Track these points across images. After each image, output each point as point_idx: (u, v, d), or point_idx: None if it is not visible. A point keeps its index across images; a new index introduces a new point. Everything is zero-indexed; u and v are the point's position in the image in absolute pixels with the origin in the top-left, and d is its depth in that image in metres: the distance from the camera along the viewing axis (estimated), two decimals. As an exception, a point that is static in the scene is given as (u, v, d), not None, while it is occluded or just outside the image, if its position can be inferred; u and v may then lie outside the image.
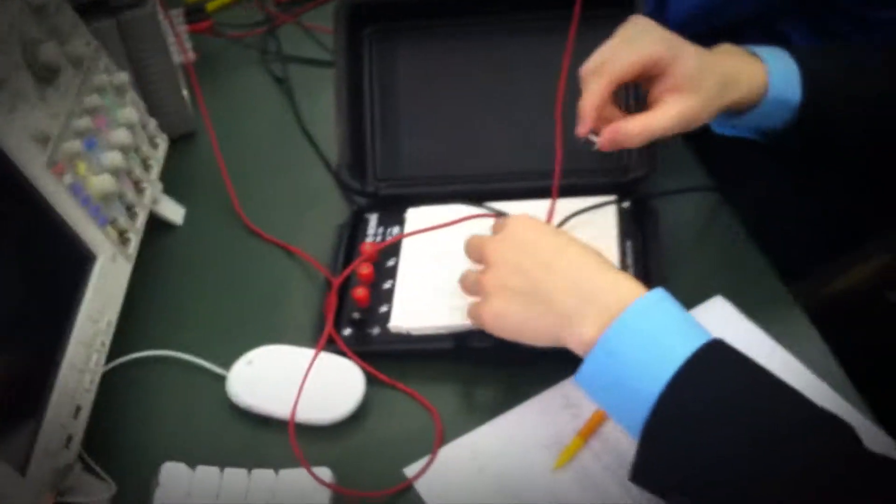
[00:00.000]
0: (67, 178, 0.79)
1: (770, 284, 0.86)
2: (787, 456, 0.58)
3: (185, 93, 1.06)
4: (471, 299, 0.77)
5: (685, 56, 0.77)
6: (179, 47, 1.07)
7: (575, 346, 0.68)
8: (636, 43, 0.78)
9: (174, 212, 0.98)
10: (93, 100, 0.86)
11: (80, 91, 0.85)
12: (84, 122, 0.84)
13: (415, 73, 0.98)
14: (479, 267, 0.77)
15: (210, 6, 1.26)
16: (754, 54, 0.81)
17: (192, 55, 1.09)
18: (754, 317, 0.82)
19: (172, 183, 0.99)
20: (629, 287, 0.68)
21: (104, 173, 0.84)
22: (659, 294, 0.67)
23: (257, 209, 0.99)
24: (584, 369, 0.67)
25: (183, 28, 1.11)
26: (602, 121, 0.79)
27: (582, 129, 0.79)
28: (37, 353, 0.73)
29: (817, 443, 0.59)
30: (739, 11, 1.02)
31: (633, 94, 0.87)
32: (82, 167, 0.82)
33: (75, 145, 0.81)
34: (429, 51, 0.98)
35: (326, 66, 1.12)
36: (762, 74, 0.79)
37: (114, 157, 0.85)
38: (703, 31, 1.04)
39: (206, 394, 0.82)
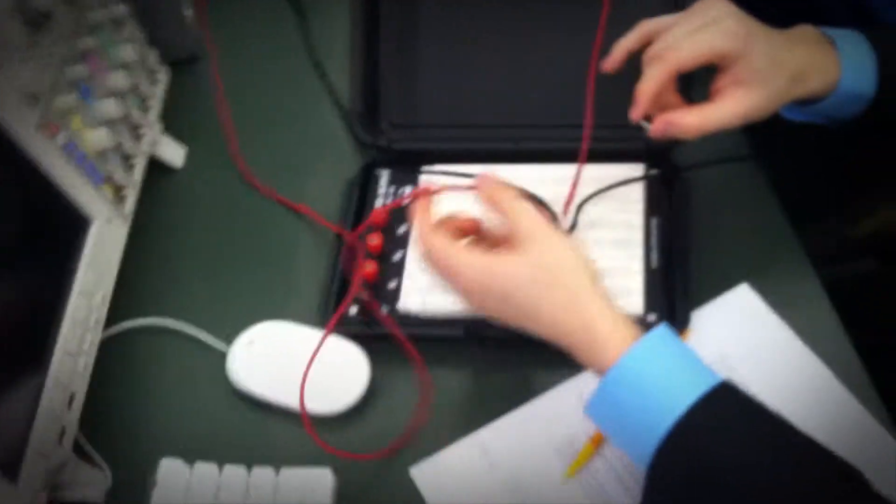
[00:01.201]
0: (61, 138, 0.74)
1: (799, 268, 0.81)
2: None
3: (187, 12, 0.99)
4: None
5: (756, 50, 0.70)
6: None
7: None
8: (705, 33, 0.71)
9: (174, 153, 0.92)
10: (87, 42, 0.79)
11: (73, 33, 0.79)
12: (78, 70, 0.78)
13: (437, 12, 0.90)
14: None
15: None
16: (830, 42, 0.74)
17: (196, -32, 1.02)
18: (779, 304, 0.79)
19: (172, 117, 0.93)
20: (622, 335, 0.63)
21: (100, 127, 0.79)
22: (664, 331, 0.63)
23: (261, 153, 0.93)
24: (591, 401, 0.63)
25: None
26: (658, 106, 0.74)
27: (636, 113, 0.74)
28: (27, 338, 0.69)
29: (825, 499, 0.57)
30: None
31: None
32: (77, 121, 0.77)
33: (69, 99, 0.76)
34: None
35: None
36: (835, 67, 0.73)
37: (110, 107, 0.80)
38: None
39: (205, 370, 0.79)
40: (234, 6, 1.07)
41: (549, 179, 0.84)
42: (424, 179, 0.86)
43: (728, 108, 0.72)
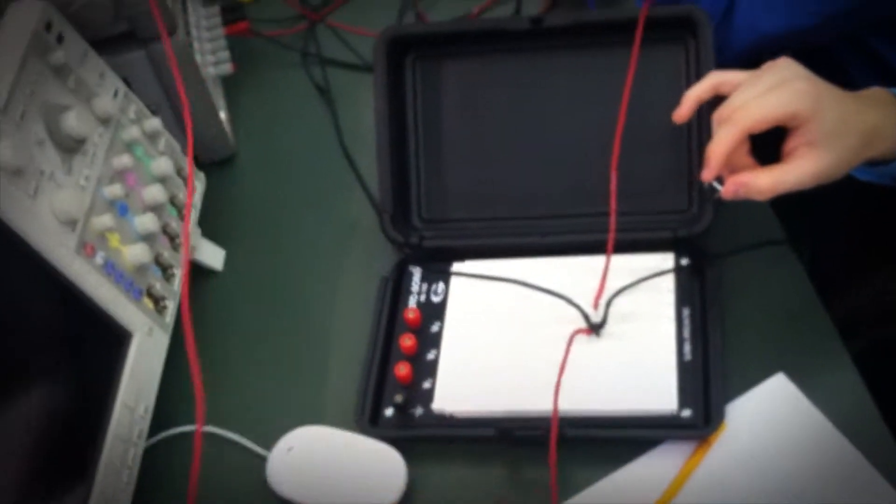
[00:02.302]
0: (99, 258, 0.76)
1: (835, 354, 0.80)
2: None
3: (222, 115, 1.01)
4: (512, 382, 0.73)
5: (826, 111, 0.71)
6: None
7: None
8: (776, 94, 0.72)
9: (213, 257, 0.94)
10: (123, 160, 0.82)
11: (108, 153, 0.81)
12: (114, 189, 0.80)
13: (461, 105, 0.92)
14: None
15: (244, -5, 1.20)
16: None
17: (230, 66, 1.04)
18: (816, 392, 0.77)
19: (210, 219, 0.95)
20: None
21: (138, 242, 0.81)
22: None
23: (298, 250, 0.95)
24: None
25: (220, 32, 1.06)
26: (728, 167, 0.75)
27: (707, 175, 0.75)
28: (71, 454, 0.72)
29: None
30: (830, 33, 0.94)
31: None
32: (114, 239, 0.79)
33: (106, 219, 0.78)
34: (475, 81, 0.92)
35: (369, 72, 1.06)
36: None
37: (147, 221, 0.82)
38: (793, 51, 0.97)
39: (246, 475, 0.80)
40: (267, 96, 1.10)
41: (577, 272, 0.84)
42: (456, 278, 0.87)
43: (800, 169, 0.72)
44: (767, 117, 0.71)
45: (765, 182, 0.73)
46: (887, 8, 0.92)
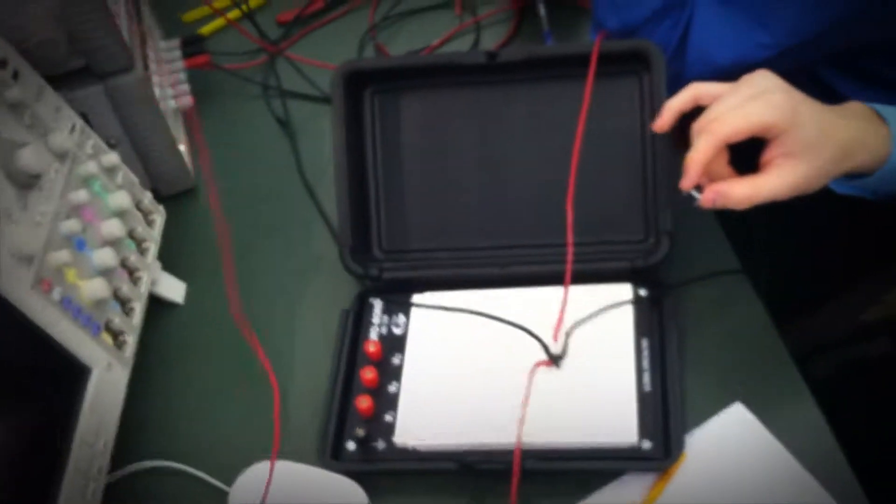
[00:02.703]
0: (56, 294, 0.76)
1: (793, 382, 0.81)
2: None
3: (182, 148, 1.01)
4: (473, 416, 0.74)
5: (803, 122, 0.72)
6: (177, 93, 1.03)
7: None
8: (753, 105, 0.73)
9: (174, 290, 0.94)
10: (79, 195, 0.81)
11: (65, 188, 0.81)
12: (71, 224, 0.79)
13: (420, 137, 0.93)
14: None
15: (205, 30, 1.20)
16: (881, 118, 0.76)
17: (189, 100, 1.04)
18: (774, 421, 0.78)
19: (171, 252, 0.95)
20: None
21: (96, 277, 0.80)
22: None
23: (259, 282, 0.95)
24: None
25: (180, 65, 1.06)
26: (707, 176, 0.75)
27: (686, 183, 0.75)
28: (28, 492, 0.70)
29: None
30: (783, 66, 0.95)
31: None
32: (71, 275, 0.79)
33: (63, 254, 0.77)
34: (434, 114, 0.93)
35: (330, 104, 1.06)
36: (885, 143, 0.75)
37: (105, 256, 0.81)
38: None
39: (206, 512, 0.80)
40: (227, 130, 1.10)
41: (537, 303, 0.85)
42: (416, 310, 0.88)
43: (778, 179, 0.73)
44: (744, 128, 0.72)
45: (742, 191, 0.73)
46: (838, 43, 0.93)
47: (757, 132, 0.73)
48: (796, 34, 0.90)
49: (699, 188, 0.76)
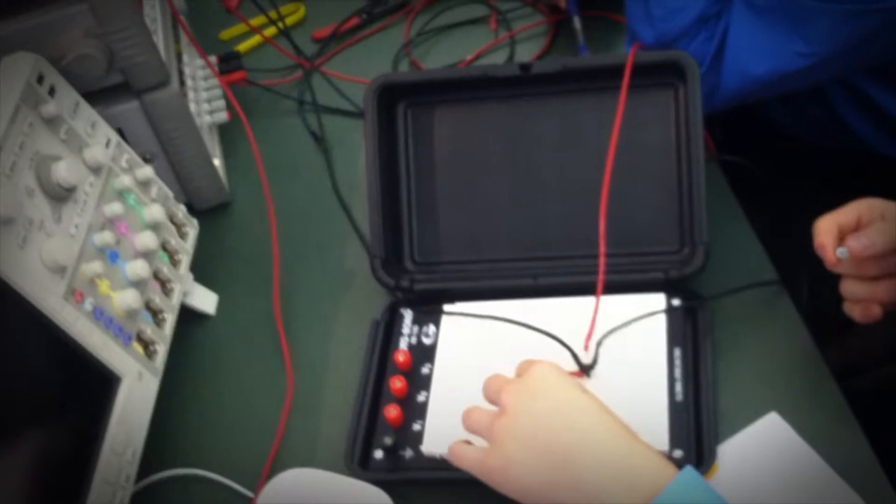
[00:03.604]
0: (88, 305, 0.77)
1: (829, 392, 0.79)
2: None
3: (216, 162, 1.02)
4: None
5: None
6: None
7: None
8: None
9: (206, 302, 0.95)
10: (113, 208, 0.82)
11: (99, 201, 0.82)
12: (105, 237, 0.80)
13: (453, 150, 0.93)
14: (491, 408, 0.72)
15: (241, 47, 1.21)
16: None
17: (225, 116, 1.06)
18: (810, 431, 0.77)
19: (203, 263, 0.96)
20: (659, 467, 0.63)
21: (128, 288, 0.81)
22: (690, 475, 0.62)
23: (292, 294, 0.95)
24: None
25: (216, 81, 1.08)
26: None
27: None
28: (57, 501, 0.71)
29: None
30: (819, 76, 0.94)
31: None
32: (104, 286, 0.80)
33: (95, 266, 0.78)
34: (467, 127, 0.93)
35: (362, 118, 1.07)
36: None
37: (138, 268, 0.82)
38: (782, 93, 0.97)
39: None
40: (263, 145, 1.10)
41: (569, 314, 0.84)
42: (447, 319, 0.87)
43: None
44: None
45: None
46: (875, 53, 0.92)
47: None
48: (832, 42, 0.89)
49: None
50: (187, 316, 0.93)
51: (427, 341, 0.86)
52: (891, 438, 0.78)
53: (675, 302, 0.84)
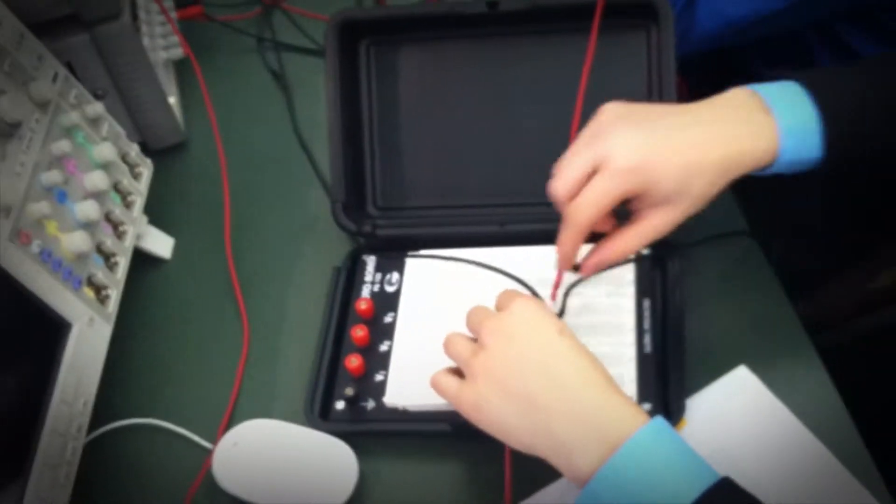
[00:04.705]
0: (35, 247, 0.73)
1: (799, 345, 0.78)
2: None
3: (172, 100, 0.98)
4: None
5: (658, 178, 0.67)
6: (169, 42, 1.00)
7: (569, 475, 0.62)
8: (599, 184, 0.68)
9: (161, 245, 0.91)
10: (62, 145, 0.78)
11: (46, 138, 0.78)
12: (52, 176, 0.76)
13: (417, 92, 0.90)
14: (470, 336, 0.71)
15: (199, -21, 1.16)
16: (766, 109, 0.68)
17: (180, 52, 1.01)
18: (779, 384, 0.76)
19: (159, 206, 0.92)
20: (631, 416, 0.61)
21: (77, 230, 0.77)
22: (659, 424, 0.61)
23: (250, 239, 0.92)
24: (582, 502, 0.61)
25: (172, 16, 1.03)
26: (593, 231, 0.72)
27: (561, 269, 0.74)
28: (3, 453, 0.68)
29: None
30: (796, 20, 0.92)
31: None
32: (52, 226, 0.76)
33: (42, 206, 0.74)
34: (432, 67, 0.89)
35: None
36: (773, 140, 0.67)
37: (88, 209, 0.78)
38: (758, 37, 0.95)
39: (192, 469, 0.77)
40: (220, 83, 1.06)
41: (535, 262, 0.82)
42: (411, 263, 0.85)
43: (647, 229, 0.70)
44: (597, 213, 0.68)
45: (616, 252, 0.71)
46: None
47: (616, 205, 0.69)
48: None
49: (577, 266, 0.73)
50: (142, 260, 0.89)
51: (390, 289, 0.84)
52: (861, 392, 0.77)
53: (644, 251, 0.82)
